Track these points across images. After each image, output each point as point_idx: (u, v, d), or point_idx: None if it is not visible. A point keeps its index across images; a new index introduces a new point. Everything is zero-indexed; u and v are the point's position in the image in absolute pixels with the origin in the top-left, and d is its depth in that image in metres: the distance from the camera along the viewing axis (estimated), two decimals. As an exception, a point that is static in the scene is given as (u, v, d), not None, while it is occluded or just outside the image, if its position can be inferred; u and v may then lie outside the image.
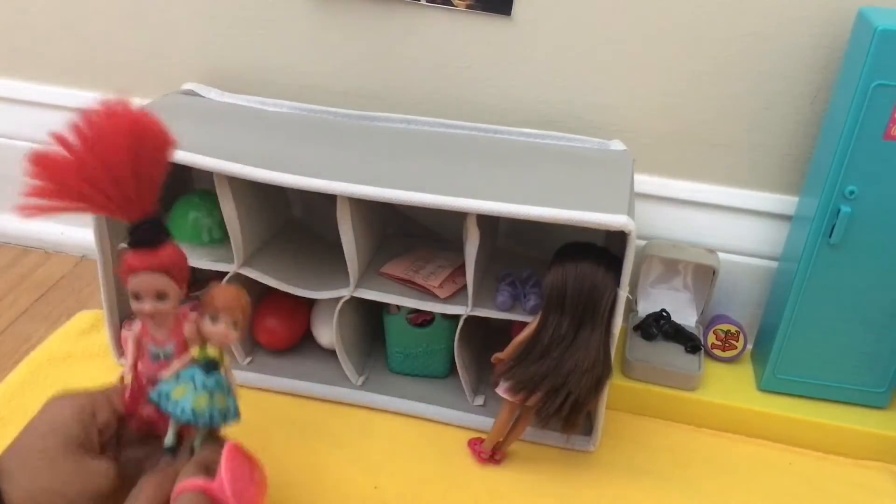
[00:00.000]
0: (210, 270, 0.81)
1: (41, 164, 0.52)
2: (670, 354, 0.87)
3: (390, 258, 0.84)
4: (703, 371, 0.85)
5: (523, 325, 0.78)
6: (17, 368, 0.83)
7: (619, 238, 0.68)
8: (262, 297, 0.87)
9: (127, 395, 0.58)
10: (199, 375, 0.57)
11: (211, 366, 0.58)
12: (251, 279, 0.79)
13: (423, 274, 0.81)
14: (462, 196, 0.68)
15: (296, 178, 0.70)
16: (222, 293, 0.58)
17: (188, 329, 0.58)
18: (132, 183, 0.53)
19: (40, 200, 0.52)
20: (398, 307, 0.82)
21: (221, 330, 0.57)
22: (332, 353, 0.83)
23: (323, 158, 0.75)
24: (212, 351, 0.58)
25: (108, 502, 0.53)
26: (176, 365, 0.57)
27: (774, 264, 0.89)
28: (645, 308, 0.92)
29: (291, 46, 0.91)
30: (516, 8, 0.84)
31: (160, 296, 0.56)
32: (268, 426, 0.79)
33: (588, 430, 0.79)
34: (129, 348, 0.59)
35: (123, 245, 0.80)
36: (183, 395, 0.56)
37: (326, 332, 0.84)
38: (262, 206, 0.82)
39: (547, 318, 0.69)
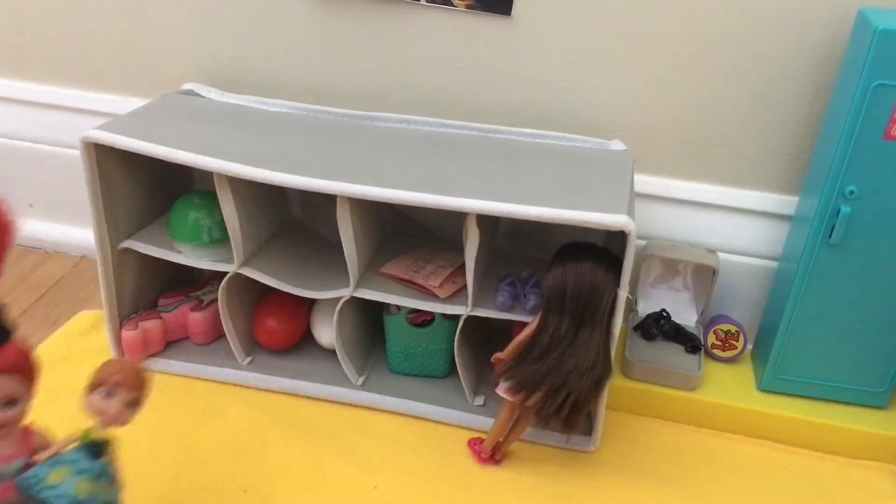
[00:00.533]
0: (210, 270, 0.81)
1: None
2: (670, 354, 0.87)
3: (390, 258, 0.84)
4: (703, 371, 0.85)
5: (523, 325, 0.78)
6: (17, 368, 0.83)
7: (619, 238, 0.68)
8: (262, 297, 0.87)
9: None
10: (83, 459, 0.49)
11: (97, 450, 0.50)
12: (251, 279, 0.79)
13: (423, 274, 0.81)
14: (462, 196, 0.68)
15: (296, 178, 0.70)
16: (121, 366, 0.51)
17: (88, 403, 0.49)
18: None
19: None
20: (398, 307, 0.82)
21: (114, 408, 0.50)
22: (332, 353, 0.83)
23: (323, 158, 0.75)
24: (99, 433, 0.50)
25: None
26: (54, 448, 0.49)
27: (774, 264, 0.89)
28: (645, 308, 0.92)
29: (291, 47, 0.91)
30: (516, 8, 0.84)
31: (8, 402, 0.48)
32: (268, 426, 0.79)
33: (588, 430, 0.79)
34: None
35: None
36: (62, 478, 0.48)
37: (326, 332, 0.84)
38: (262, 206, 0.82)
39: (547, 318, 0.69)
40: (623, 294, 0.69)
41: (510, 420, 0.75)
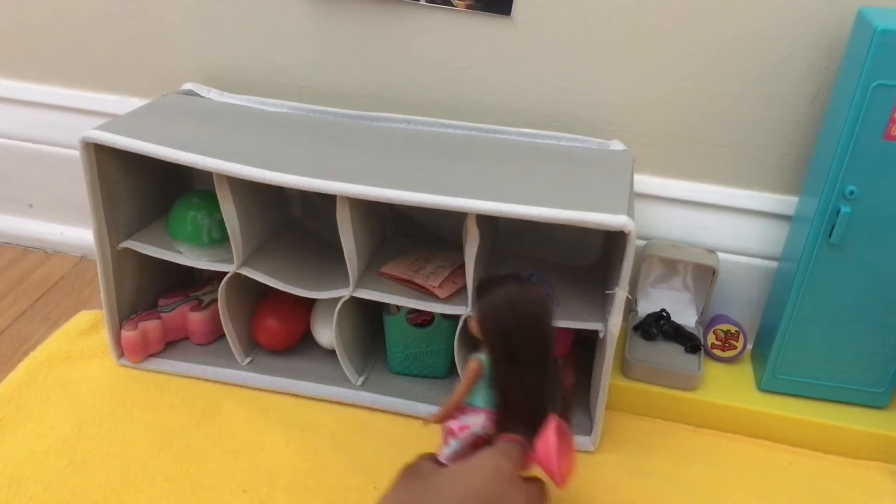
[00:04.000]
0: (210, 270, 0.81)
1: None
2: (670, 354, 0.87)
3: (390, 258, 0.84)
4: (703, 371, 0.85)
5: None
6: (17, 368, 0.83)
7: (619, 238, 0.68)
8: (262, 297, 0.87)
9: None
10: None
11: None
12: (251, 279, 0.79)
13: (423, 274, 0.81)
14: (462, 196, 0.68)
15: (296, 178, 0.70)
16: None
17: None
18: None
19: None
20: (398, 307, 0.82)
21: None
22: (332, 353, 0.83)
23: (323, 158, 0.75)
24: None
25: None
26: None
27: (774, 264, 0.89)
28: (645, 308, 0.92)
29: (291, 46, 0.91)
30: (516, 8, 0.84)
31: None
32: (268, 426, 0.79)
33: (588, 430, 0.80)
34: None
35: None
36: None
37: (326, 332, 0.84)
38: (262, 206, 0.83)
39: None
40: (623, 294, 0.69)
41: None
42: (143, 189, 0.84)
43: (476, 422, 0.64)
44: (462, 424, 0.64)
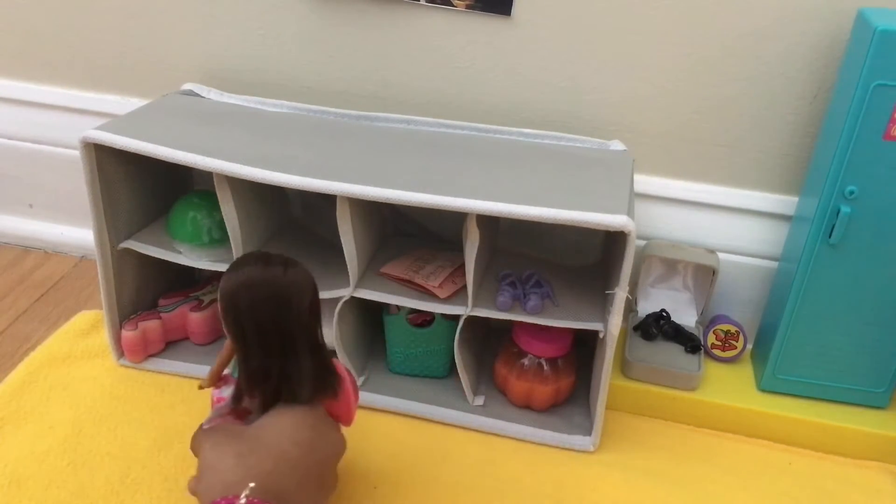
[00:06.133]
0: (210, 270, 0.81)
1: None
2: (670, 354, 0.87)
3: (390, 258, 0.84)
4: (703, 371, 0.85)
5: (524, 325, 0.78)
6: (17, 368, 0.83)
7: (619, 238, 0.68)
8: (262, 297, 0.87)
9: None
10: None
11: None
12: (251, 279, 0.79)
13: (423, 274, 0.81)
14: (462, 196, 0.68)
15: (296, 178, 0.70)
16: None
17: None
18: None
19: None
20: (398, 307, 0.82)
21: None
22: (332, 352, 0.83)
23: (323, 158, 0.75)
24: None
25: None
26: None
27: (774, 264, 0.89)
28: (645, 308, 0.92)
29: (291, 46, 0.91)
30: (516, 8, 0.84)
31: None
32: (268, 426, 0.79)
33: (588, 430, 0.80)
34: None
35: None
36: None
37: (326, 332, 0.84)
38: (261, 205, 0.83)
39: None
40: (623, 294, 0.69)
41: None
42: (143, 189, 0.84)
43: (230, 393, 0.65)
44: (220, 396, 0.67)
